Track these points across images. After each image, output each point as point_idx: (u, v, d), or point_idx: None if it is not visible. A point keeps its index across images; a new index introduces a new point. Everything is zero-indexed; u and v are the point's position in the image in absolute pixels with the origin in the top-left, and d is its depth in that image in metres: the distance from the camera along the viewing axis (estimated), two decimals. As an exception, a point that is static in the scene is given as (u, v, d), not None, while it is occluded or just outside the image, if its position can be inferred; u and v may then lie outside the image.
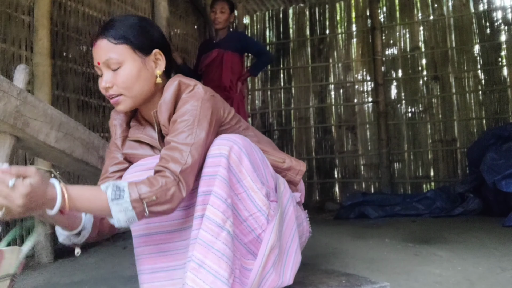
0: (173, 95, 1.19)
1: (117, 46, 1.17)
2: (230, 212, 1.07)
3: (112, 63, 1.17)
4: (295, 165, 1.34)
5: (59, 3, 2.76)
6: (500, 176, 3.27)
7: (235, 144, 1.11)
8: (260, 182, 1.13)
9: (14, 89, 1.30)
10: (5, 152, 1.34)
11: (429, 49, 4.91)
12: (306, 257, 1.46)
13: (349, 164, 5.17)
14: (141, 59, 1.19)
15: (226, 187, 1.08)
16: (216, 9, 3.52)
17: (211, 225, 1.05)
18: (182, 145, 1.08)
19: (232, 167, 1.10)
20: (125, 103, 1.21)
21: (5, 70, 2.33)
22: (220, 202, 1.06)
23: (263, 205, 1.12)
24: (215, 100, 1.20)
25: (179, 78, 1.22)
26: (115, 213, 0.98)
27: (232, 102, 3.47)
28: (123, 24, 1.20)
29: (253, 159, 1.14)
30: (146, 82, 1.20)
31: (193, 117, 1.12)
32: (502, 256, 2.07)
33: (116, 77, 1.18)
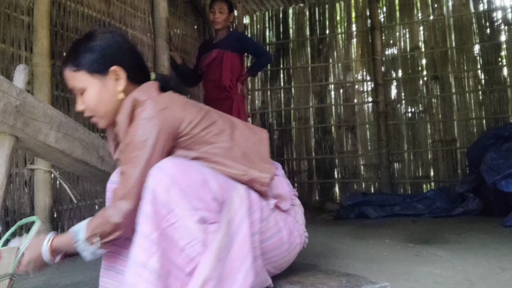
0: (127, 114, 1.20)
1: (76, 73, 1.24)
2: (155, 248, 1.03)
3: (77, 89, 1.27)
4: (258, 177, 1.23)
5: (59, 4, 2.76)
6: (500, 176, 3.27)
7: (163, 173, 1.08)
8: (192, 209, 1.08)
9: (14, 89, 1.30)
10: (5, 152, 1.33)
11: (429, 49, 4.91)
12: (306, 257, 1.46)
13: (349, 164, 5.17)
14: (99, 81, 1.24)
15: (149, 221, 1.05)
16: (214, 9, 3.52)
17: (133, 266, 1.04)
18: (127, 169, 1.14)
19: (160, 198, 1.06)
20: (100, 122, 1.30)
21: (4, 70, 2.33)
22: (142, 240, 1.04)
23: (196, 232, 1.07)
24: (167, 114, 1.17)
25: (134, 94, 1.21)
26: (81, 252, 1.15)
27: (232, 102, 3.47)
28: (79, 50, 1.26)
29: (184, 185, 1.08)
30: (109, 102, 1.26)
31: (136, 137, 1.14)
32: (502, 256, 2.07)
33: (84, 101, 1.27)
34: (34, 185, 2.45)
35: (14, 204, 2.35)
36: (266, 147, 1.35)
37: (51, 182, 2.49)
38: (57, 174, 2.50)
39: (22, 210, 2.39)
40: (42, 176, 2.44)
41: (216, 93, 3.52)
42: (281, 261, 1.33)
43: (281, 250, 1.30)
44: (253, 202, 1.21)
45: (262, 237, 1.22)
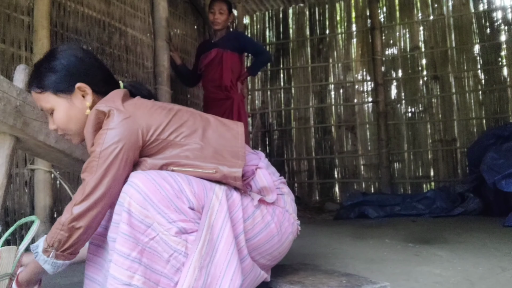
0: (92, 125, 1.19)
1: (42, 95, 1.24)
2: (136, 266, 1.06)
3: (46, 110, 1.27)
4: (228, 173, 1.20)
5: (59, 4, 2.76)
6: (500, 176, 3.27)
7: (136, 189, 1.08)
8: (167, 223, 1.08)
9: (14, 89, 1.30)
10: (5, 152, 1.33)
11: (429, 49, 4.91)
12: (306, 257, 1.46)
13: (349, 164, 5.17)
14: (65, 100, 1.24)
15: (128, 241, 1.06)
16: (214, 10, 3.52)
17: (117, 284, 1.04)
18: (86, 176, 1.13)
19: (136, 215, 1.07)
20: (74, 139, 1.31)
21: (5, 70, 2.33)
22: (123, 259, 1.05)
23: (176, 245, 1.08)
24: (130, 123, 1.15)
25: (97, 106, 1.19)
26: (43, 266, 1.14)
27: (232, 102, 3.47)
28: (41, 70, 1.25)
29: (158, 199, 1.09)
30: (78, 119, 1.26)
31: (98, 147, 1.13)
32: (503, 256, 2.06)
33: (54, 121, 1.27)
34: (34, 185, 2.45)
35: (14, 204, 2.35)
36: (241, 141, 1.31)
37: (51, 182, 2.49)
38: (57, 174, 2.50)
39: (22, 210, 2.39)
40: (42, 176, 2.44)
41: (216, 92, 3.52)
42: (275, 252, 1.34)
43: (273, 243, 1.30)
44: (234, 203, 1.21)
45: (248, 235, 1.23)
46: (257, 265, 1.28)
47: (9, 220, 2.31)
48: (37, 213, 2.41)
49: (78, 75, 1.25)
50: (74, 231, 1.10)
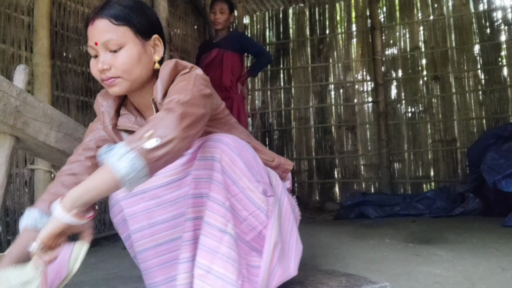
0: (170, 73, 1.14)
1: (118, 27, 1.12)
2: (229, 215, 1.07)
3: (113, 44, 1.12)
4: (283, 164, 1.36)
5: (59, 4, 2.76)
6: (501, 176, 3.27)
7: (227, 146, 1.10)
8: (255, 181, 1.13)
9: (14, 90, 1.30)
10: (5, 152, 1.33)
11: (429, 49, 4.91)
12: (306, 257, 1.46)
13: (349, 164, 5.17)
14: (141, 43, 1.16)
15: (223, 190, 1.07)
16: (215, 9, 3.52)
17: (213, 231, 1.05)
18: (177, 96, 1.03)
19: (226, 169, 1.09)
20: (121, 85, 1.15)
21: (5, 70, 2.33)
22: (219, 206, 1.06)
23: (261, 202, 1.12)
24: (210, 85, 1.18)
25: (176, 59, 1.19)
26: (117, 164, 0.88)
27: (232, 102, 3.47)
28: (124, 5, 1.15)
29: (245, 159, 1.13)
30: (145, 67, 1.17)
31: (189, 81, 1.09)
32: (503, 256, 2.06)
33: (115, 59, 1.13)
34: (34, 185, 2.45)
35: (14, 204, 2.35)
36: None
37: (51, 182, 2.49)
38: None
39: (22, 210, 2.39)
40: (42, 176, 2.44)
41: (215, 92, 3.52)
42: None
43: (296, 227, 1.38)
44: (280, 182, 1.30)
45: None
46: None
47: (9, 220, 2.31)
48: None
49: (157, 29, 1.22)
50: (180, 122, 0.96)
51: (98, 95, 1.30)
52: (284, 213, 1.22)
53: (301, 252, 1.25)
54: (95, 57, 1.16)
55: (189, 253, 1.09)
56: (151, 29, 1.19)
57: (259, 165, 1.19)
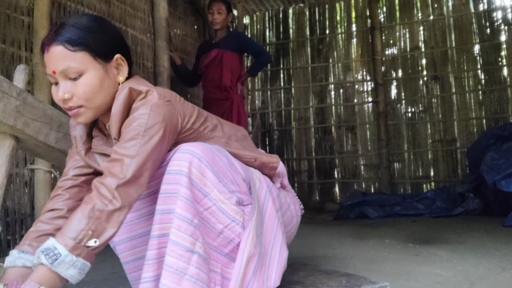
0: (123, 104, 1.08)
1: (75, 53, 1.06)
2: (198, 233, 1.01)
3: (71, 72, 1.06)
4: (267, 162, 1.29)
5: (59, 4, 2.76)
6: (500, 176, 3.27)
7: (195, 156, 1.04)
8: (228, 192, 1.08)
9: (14, 90, 1.30)
10: (5, 152, 1.33)
11: (429, 49, 4.91)
12: (306, 257, 1.46)
13: (349, 164, 5.17)
14: (102, 67, 1.09)
15: (191, 207, 1.01)
16: (213, 10, 3.52)
17: (180, 251, 0.99)
18: (123, 157, 0.99)
19: (195, 182, 1.03)
20: (86, 115, 1.11)
21: (5, 70, 2.33)
22: (187, 225, 1.00)
23: (235, 214, 1.07)
24: (170, 106, 1.09)
25: (129, 84, 1.11)
26: (64, 273, 0.92)
27: (232, 102, 3.47)
28: (79, 27, 1.07)
29: (217, 169, 1.07)
30: (108, 92, 1.11)
31: (140, 126, 1.01)
32: (503, 256, 2.06)
33: (75, 87, 1.07)
34: (34, 185, 2.45)
35: (14, 204, 2.35)
36: (251, 142, 1.38)
37: (51, 182, 2.49)
38: (57, 174, 2.50)
39: (22, 210, 2.39)
40: (42, 176, 2.44)
41: (215, 93, 3.52)
42: (292, 236, 1.40)
43: (292, 224, 1.38)
44: (267, 182, 1.27)
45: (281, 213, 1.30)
46: None
47: (9, 220, 2.31)
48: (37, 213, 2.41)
49: (118, 47, 1.14)
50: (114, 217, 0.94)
51: (70, 120, 1.26)
52: (266, 220, 1.18)
53: (286, 259, 1.20)
54: (56, 84, 1.10)
55: (152, 272, 1.03)
56: (112, 49, 1.12)
57: (235, 172, 1.13)
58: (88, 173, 1.23)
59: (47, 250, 0.91)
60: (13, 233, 2.39)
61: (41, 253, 0.91)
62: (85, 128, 1.22)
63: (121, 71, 1.14)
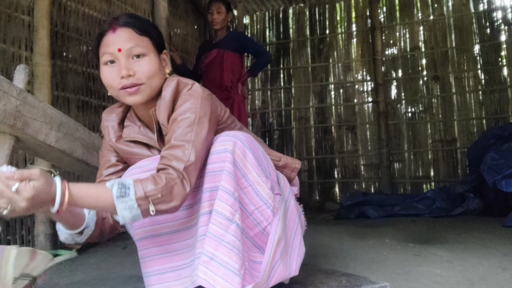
0: (172, 93, 1.19)
1: (142, 37, 1.19)
2: (237, 205, 1.09)
3: (137, 51, 1.17)
4: (290, 163, 1.37)
5: (59, 3, 2.76)
6: (500, 176, 3.27)
7: (239, 139, 1.13)
8: (264, 176, 1.15)
9: (14, 89, 1.30)
10: (5, 152, 1.33)
11: (429, 49, 4.91)
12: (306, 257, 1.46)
13: (349, 164, 5.17)
14: (158, 56, 1.23)
15: (233, 181, 1.09)
16: (212, 10, 3.52)
17: (220, 219, 1.06)
18: (184, 142, 1.08)
19: (237, 161, 1.11)
20: (144, 93, 1.18)
21: (5, 70, 2.33)
22: (228, 196, 1.08)
23: (268, 198, 1.14)
24: (212, 99, 1.22)
25: (177, 77, 1.24)
26: (121, 210, 0.98)
27: (232, 102, 3.47)
28: (144, 19, 1.27)
29: (256, 154, 1.17)
30: (161, 78, 1.23)
31: (194, 114, 1.12)
32: (503, 256, 2.07)
33: (139, 66, 1.17)
34: (34, 185, 2.44)
35: (14, 204, 2.35)
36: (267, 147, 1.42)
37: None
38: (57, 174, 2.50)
39: (22, 210, 2.39)
40: (42, 176, 2.43)
41: (216, 93, 3.47)
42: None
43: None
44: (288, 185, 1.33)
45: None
46: None
47: (9, 220, 2.31)
48: (37, 213, 2.40)
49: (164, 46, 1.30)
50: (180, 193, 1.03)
51: (103, 112, 1.35)
52: (289, 215, 1.25)
53: (304, 254, 1.26)
54: (111, 63, 1.18)
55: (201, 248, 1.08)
56: (163, 45, 1.28)
57: (269, 162, 1.23)
58: (119, 170, 1.30)
59: (122, 184, 1.00)
60: (13, 233, 2.39)
61: (116, 184, 1.00)
62: (117, 118, 1.31)
63: (167, 65, 1.27)
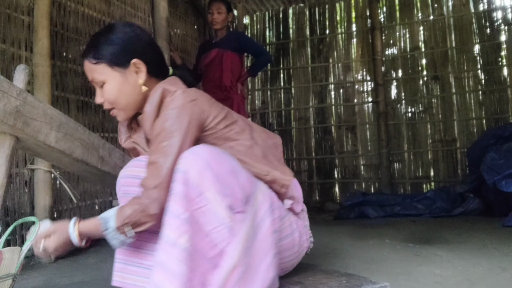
0: (157, 104, 1.21)
1: (96, 65, 1.25)
2: (185, 227, 1.04)
3: (96, 82, 1.27)
4: (279, 179, 1.27)
5: (59, 4, 2.76)
6: (500, 176, 3.27)
7: (197, 156, 1.09)
8: (222, 194, 1.08)
9: (14, 90, 1.30)
10: (5, 152, 1.33)
11: (429, 49, 4.91)
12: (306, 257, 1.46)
13: (349, 164, 5.17)
14: (120, 74, 1.25)
15: (181, 202, 1.06)
16: (212, 10, 3.51)
17: (165, 244, 1.04)
18: (158, 158, 1.14)
19: (191, 181, 1.06)
20: (120, 114, 1.31)
21: (5, 70, 2.33)
22: (172, 218, 1.05)
23: (225, 217, 1.07)
24: (196, 105, 1.19)
25: (163, 85, 1.24)
26: (109, 241, 1.16)
27: (232, 102, 3.47)
28: (99, 42, 1.26)
29: (217, 171, 1.09)
30: (130, 94, 1.27)
31: (170, 126, 1.15)
32: (503, 256, 2.07)
33: (104, 93, 1.27)
34: (34, 185, 2.45)
35: (14, 204, 2.35)
36: (281, 152, 1.38)
37: (51, 182, 2.49)
38: (57, 174, 2.50)
39: (22, 210, 2.39)
40: (42, 176, 2.44)
41: (215, 93, 3.51)
42: (289, 263, 1.34)
43: (292, 252, 1.32)
44: (273, 200, 1.24)
45: (279, 235, 1.24)
46: None
47: (9, 220, 2.31)
48: (37, 213, 2.41)
49: (134, 51, 1.26)
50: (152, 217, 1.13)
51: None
52: (260, 236, 1.13)
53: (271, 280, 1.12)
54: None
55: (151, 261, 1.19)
56: (127, 56, 1.25)
57: (235, 179, 1.13)
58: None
59: (104, 219, 1.16)
60: (13, 233, 2.39)
61: (100, 219, 1.16)
62: (128, 121, 1.40)
63: (140, 74, 1.27)
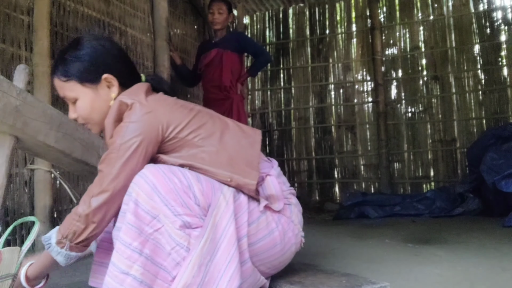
0: (114, 116, 1.20)
1: (66, 83, 1.25)
2: (136, 256, 1.05)
3: (68, 99, 1.28)
4: (242, 184, 1.21)
5: (59, 4, 2.76)
6: (500, 176, 3.27)
7: (144, 181, 1.09)
8: (172, 215, 1.08)
9: (14, 89, 1.30)
10: (5, 152, 1.33)
11: (429, 49, 4.91)
12: (306, 257, 1.46)
13: (348, 164, 5.17)
14: (92, 90, 1.25)
15: (132, 231, 1.06)
16: (213, 10, 3.51)
17: (115, 272, 1.04)
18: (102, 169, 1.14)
19: (143, 205, 1.07)
20: (94, 127, 1.32)
21: (4, 70, 2.33)
22: (124, 247, 1.05)
23: (179, 238, 1.08)
24: (152, 117, 1.17)
25: (121, 97, 1.21)
26: (56, 258, 1.15)
27: (231, 102, 3.47)
28: (67, 58, 1.25)
29: (165, 191, 1.09)
30: (102, 109, 1.26)
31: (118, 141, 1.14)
32: (503, 256, 2.07)
33: (77, 110, 1.29)
34: (34, 185, 2.44)
35: (14, 204, 2.35)
36: (257, 150, 1.31)
37: (51, 182, 2.49)
38: (57, 174, 2.50)
39: (22, 210, 2.39)
40: (42, 176, 2.44)
41: (215, 93, 3.52)
42: (275, 261, 1.32)
43: (274, 251, 1.29)
44: (241, 205, 1.21)
45: (251, 239, 1.22)
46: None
47: (9, 220, 2.30)
48: (37, 213, 2.40)
49: (104, 66, 1.26)
50: (90, 223, 1.12)
51: None
52: (224, 246, 1.12)
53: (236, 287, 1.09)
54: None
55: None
56: (97, 72, 1.25)
57: (186, 194, 1.12)
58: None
59: (46, 238, 1.16)
60: (13, 233, 2.38)
61: (43, 240, 1.16)
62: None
63: (112, 88, 1.27)
